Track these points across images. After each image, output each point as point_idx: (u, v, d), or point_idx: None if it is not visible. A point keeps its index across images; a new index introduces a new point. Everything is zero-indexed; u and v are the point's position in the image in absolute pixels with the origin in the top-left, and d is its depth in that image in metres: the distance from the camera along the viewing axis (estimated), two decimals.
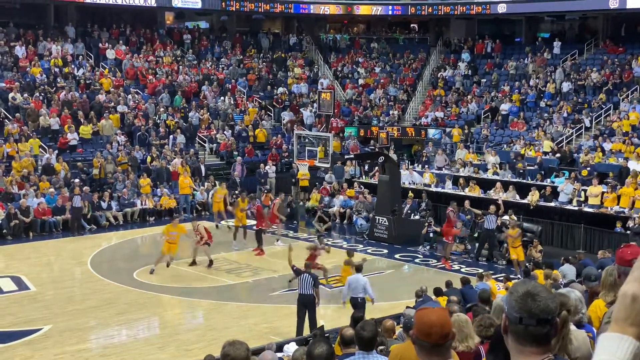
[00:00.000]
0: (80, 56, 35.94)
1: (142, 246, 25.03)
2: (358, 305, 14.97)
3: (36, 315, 16.54)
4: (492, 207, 22.70)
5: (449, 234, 21.63)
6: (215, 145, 33.62)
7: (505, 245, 21.87)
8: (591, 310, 5.71)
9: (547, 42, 39.74)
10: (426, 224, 24.18)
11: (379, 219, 24.74)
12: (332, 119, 35.89)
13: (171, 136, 32.33)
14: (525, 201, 24.89)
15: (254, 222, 23.75)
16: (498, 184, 25.97)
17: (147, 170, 29.52)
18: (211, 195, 27.96)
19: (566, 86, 34.63)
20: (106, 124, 31.41)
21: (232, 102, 36.56)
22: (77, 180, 27.09)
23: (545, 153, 29.18)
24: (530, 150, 29.53)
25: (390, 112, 37.52)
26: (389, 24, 46.35)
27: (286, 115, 36.83)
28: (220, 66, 39.55)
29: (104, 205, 26.66)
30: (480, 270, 18.61)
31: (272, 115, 37.35)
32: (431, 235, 23.80)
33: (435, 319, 3.13)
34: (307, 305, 14.80)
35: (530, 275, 15.18)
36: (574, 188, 24.52)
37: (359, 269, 15.83)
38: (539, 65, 37.25)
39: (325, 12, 42.85)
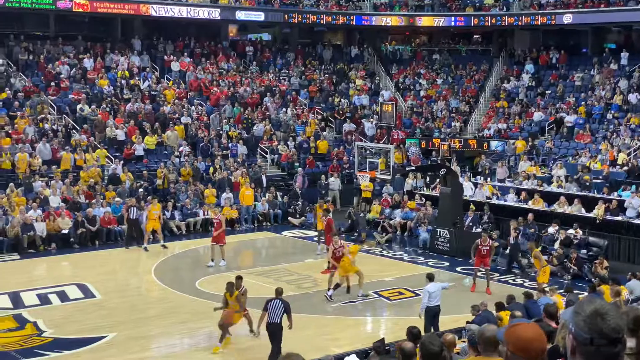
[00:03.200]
0: (146, 68, 36.64)
1: (204, 256, 25.26)
2: (438, 313, 15.03)
3: (101, 322, 16.83)
4: (513, 222, 23.26)
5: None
6: (276, 156, 33.84)
7: (567, 261, 21.50)
8: None
9: (614, 53, 38.96)
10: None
11: (440, 232, 24.56)
12: (393, 130, 35.80)
13: (232, 146, 32.65)
14: (591, 215, 24.39)
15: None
16: (562, 198, 25.53)
17: (209, 180, 29.87)
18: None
19: (634, 98, 33.87)
20: (171, 134, 31.92)
21: (293, 113, 36.76)
22: (141, 190, 27.54)
23: (622, 166, 28.51)
24: (596, 163, 28.95)
25: (452, 123, 37.23)
26: (452, 35, 46.06)
27: (347, 127, 36.87)
28: (282, 78, 39.84)
29: (167, 215, 27.01)
30: (544, 285, 18.30)
31: (334, 126, 37.44)
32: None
33: (533, 334, 3.06)
34: (274, 334, 13.84)
35: (596, 291, 14.83)
36: None
37: (431, 277, 15.78)
38: (605, 77, 36.52)
39: (387, 24, 42.83)
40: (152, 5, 36.76)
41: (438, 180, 27.90)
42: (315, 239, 24.95)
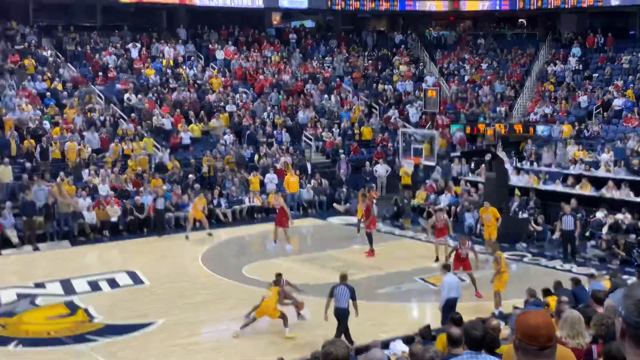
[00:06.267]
0: (192, 57, 36.94)
1: (250, 243, 25.51)
2: (455, 305, 14.64)
3: (150, 308, 17.14)
4: (567, 207, 22.01)
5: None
6: (321, 143, 33.90)
7: (615, 246, 21.24)
8: None
9: None
10: (531, 220, 23.80)
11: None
12: (438, 116, 35.59)
13: (276, 134, 32.78)
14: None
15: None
16: (610, 182, 25.18)
17: (254, 168, 30.07)
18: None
19: None
20: (216, 123, 32.16)
21: (337, 100, 36.76)
22: (191, 175, 27.87)
23: None
24: None
25: (497, 108, 36.89)
26: (497, 20, 45.56)
27: (391, 113, 36.73)
28: (325, 65, 39.85)
29: (214, 202, 27.28)
30: (592, 270, 18.13)
31: (378, 113, 37.34)
32: (535, 234, 23.40)
33: (541, 322, 3.11)
34: (340, 318, 14.17)
35: None
36: None
37: (448, 268, 15.68)
38: None
39: (431, 9, 42.55)
40: None
41: (483, 165, 27.72)
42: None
